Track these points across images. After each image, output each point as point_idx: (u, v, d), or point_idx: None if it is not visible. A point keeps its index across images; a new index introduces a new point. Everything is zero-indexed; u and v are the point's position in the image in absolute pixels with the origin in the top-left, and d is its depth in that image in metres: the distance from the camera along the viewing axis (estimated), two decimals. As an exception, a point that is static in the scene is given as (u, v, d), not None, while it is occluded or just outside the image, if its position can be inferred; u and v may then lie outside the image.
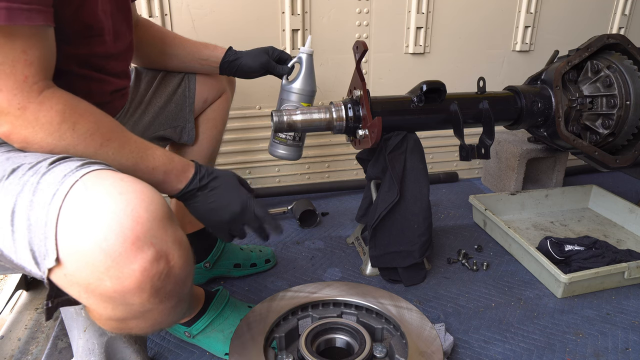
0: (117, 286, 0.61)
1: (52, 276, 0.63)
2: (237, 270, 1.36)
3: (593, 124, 1.52)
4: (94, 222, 0.60)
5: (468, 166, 2.14)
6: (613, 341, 1.16)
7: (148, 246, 0.61)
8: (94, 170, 0.65)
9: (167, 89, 1.19)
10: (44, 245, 0.61)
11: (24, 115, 0.66)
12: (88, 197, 0.61)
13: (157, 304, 0.66)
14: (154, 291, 0.63)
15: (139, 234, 0.61)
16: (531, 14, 1.94)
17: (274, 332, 1.06)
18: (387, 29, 1.82)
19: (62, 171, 0.64)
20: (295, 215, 1.68)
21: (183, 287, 0.70)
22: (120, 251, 0.59)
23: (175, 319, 0.76)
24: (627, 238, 1.64)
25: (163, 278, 0.64)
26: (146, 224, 0.61)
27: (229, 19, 1.64)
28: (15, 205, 0.63)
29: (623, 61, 1.48)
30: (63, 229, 0.60)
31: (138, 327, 0.71)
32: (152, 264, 0.62)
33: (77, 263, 0.61)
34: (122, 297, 0.62)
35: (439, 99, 1.34)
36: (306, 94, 1.26)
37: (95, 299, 0.63)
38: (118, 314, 0.66)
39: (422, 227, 1.32)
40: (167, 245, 0.64)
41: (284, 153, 1.31)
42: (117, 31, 0.90)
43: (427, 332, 1.06)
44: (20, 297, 1.31)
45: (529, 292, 1.34)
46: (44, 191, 0.62)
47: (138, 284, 0.61)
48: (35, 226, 0.62)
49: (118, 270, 0.60)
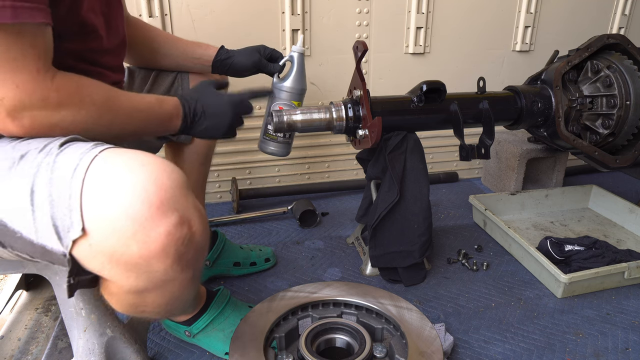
0: (143, 250, 0.63)
1: (75, 250, 0.65)
2: (236, 269, 1.36)
3: (593, 124, 1.52)
4: (119, 190, 0.62)
5: (468, 166, 2.14)
6: (613, 341, 1.16)
7: (172, 211, 0.64)
8: (110, 147, 0.68)
9: (160, 88, 1.21)
10: (68, 218, 0.63)
11: (48, 105, 0.69)
12: (110, 168, 0.64)
13: (179, 273, 0.68)
14: (178, 256, 0.66)
15: (163, 200, 0.63)
16: (531, 14, 1.94)
17: (274, 332, 1.06)
18: (387, 29, 1.82)
19: (77, 150, 0.67)
20: (295, 215, 1.68)
21: (201, 257, 0.73)
22: (146, 216, 0.62)
23: (189, 297, 0.81)
24: (627, 238, 1.64)
25: (186, 243, 0.66)
26: (169, 191, 0.64)
27: (229, 19, 1.64)
28: (33, 185, 0.65)
29: (623, 61, 1.48)
30: (88, 199, 0.62)
31: (155, 302, 0.74)
32: (176, 227, 0.64)
33: (104, 230, 0.62)
34: (147, 262, 0.64)
35: (439, 99, 1.34)
36: (297, 92, 1.27)
37: (119, 268, 0.65)
38: (140, 283, 0.67)
39: (422, 227, 1.32)
40: (189, 212, 0.66)
41: (274, 150, 1.32)
42: (110, 27, 0.92)
43: (427, 332, 1.06)
44: (20, 297, 1.31)
45: (529, 292, 1.34)
46: (62, 168, 0.65)
47: (163, 247, 0.63)
48: (58, 201, 0.63)
49: (144, 234, 0.62)
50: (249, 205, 1.83)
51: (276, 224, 1.71)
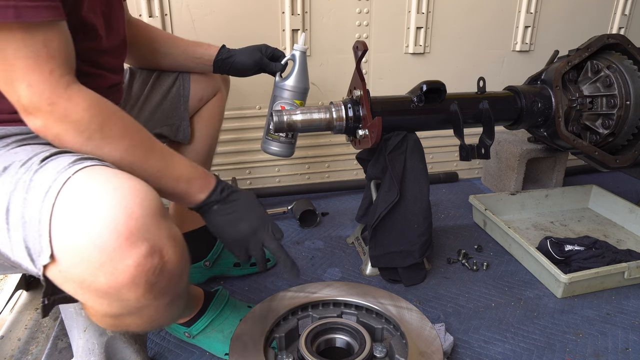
0: (111, 282, 0.61)
1: (47, 273, 0.63)
2: (236, 269, 1.36)
3: (593, 124, 1.52)
4: (87, 219, 0.60)
5: (468, 166, 2.14)
6: (613, 341, 1.16)
7: (142, 241, 0.62)
8: (87, 166, 0.65)
9: (161, 88, 1.20)
10: (38, 243, 0.62)
11: (55, 111, 0.67)
12: (81, 193, 0.62)
13: (152, 300, 0.66)
14: (149, 286, 0.64)
15: (133, 230, 0.61)
16: (531, 14, 1.94)
17: (274, 332, 1.06)
18: (387, 29, 1.82)
19: (54, 168, 0.65)
20: (295, 215, 1.68)
21: (178, 283, 0.70)
22: (114, 247, 0.60)
23: (171, 317, 0.77)
24: (627, 238, 1.64)
25: (157, 273, 0.64)
26: (140, 220, 0.62)
27: (229, 19, 1.64)
28: (9, 204, 0.64)
29: (623, 61, 1.48)
30: (57, 226, 0.61)
31: (134, 324, 0.71)
32: (146, 258, 0.62)
33: (72, 259, 0.61)
34: (117, 292, 0.62)
35: (439, 99, 1.34)
36: (299, 91, 1.27)
37: (91, 294, 0.64)
38: (114, 310, 0.66)
39: (422, 227, 1.32)
40: (161, 241, 0.64)
41: (277, 150, 1.32)
42: (111, 27, 0.92)
43: (427, 332, 1.06)
44: (20, 297, 1.31)
45: (529, 292, 1.34)
46: (36, 189, 0.63)
47: (132, 279, 0.61)
48: (30, 224, 0.62)
49: (112, 266, 0.60)
50: (249, 205, 1.82)
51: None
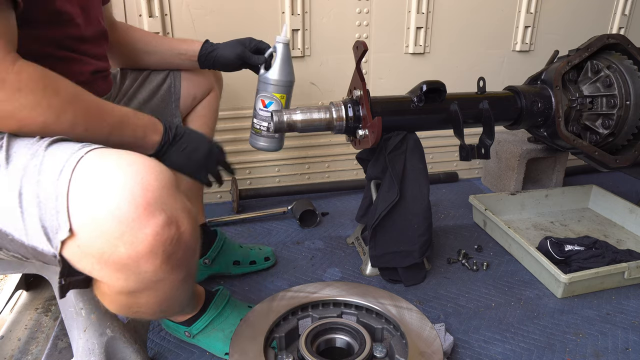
0: (130, 252, 0.62)
1: (64, 251, 0.64)
2: (236, 267, 1.36)
3: (593, 124, 1.52)
4: (105, 191, 0.62)
5: (468, 166, 2.14)
6: (613, 341, 1.16)
7: (159, 212, 0.63)
8: (97, 148, 0.67)
9: (151, 85, 1.22)
10: (56, 219, 0.63)
11: (5, 88, 0.66)
12: (96, 169, 0.64)
13: (169, 273, 0.68)
14: (166, 257, 0.65)
15: (150, 200, 0.63)
16: (531, 14, 1.94)
17: (274, 332, 1.06)
18: (387, 29, 1.82)
19: (63, 151, 0.66)
20: (295, 215, 1.68)
21: (192, 257, 0.72)
22: (133, 217, 0.61)
23: (183, 298, 0.80)
24: (627, 238, 1.64)
25: (174, 243, 0.65)
26: (156, 191, 0.64)
27: (229, 19, 1.64)
28: (21, 188, 0.65)
29: (623, 61, 1.48)
30: (75, 200, 0.62)
31: (148, 303, 0.73)
32: (163, 228, 0.63)
33: (91, 232, 0.62)
34: (136, 263, 0.63)
35: (439, 99, 1.34)
36: (281, 85, 1.23)
37: (108, 269, 0.64)
38: (130, 284, 0.67)
39: (422, 227, 1.32)
40: (177, 212, 0.66)
41: (264, 145, 1.31)
42: (88, 16, 0.93)
43: (427, 332, 1.06)
44: (20, 297, 1.31)
45: (529, 292, 1.34)
46: (49, 170, 0.64)
47: (151, 248, 0.63)
48: (45, 202, 0.63)
49: (132, 236, 0.62)
50: (249, 205, 1.83)
51: (276, 224, 1.71)
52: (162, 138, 0.89)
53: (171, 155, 0.92)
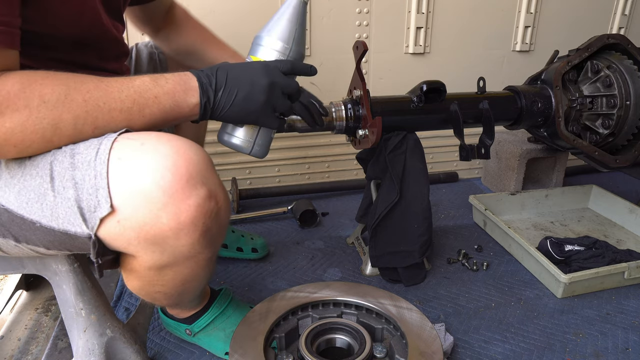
0: (173, 222, 0.64)
1: (101, 230, 0.65)
2: (223, 250, 1.39)
3: (593, 124, 1.52)
4: (148, 164, 0.63)
5: (468, 166, 2.14)
6: (613, 341, 1.16)
7: (201, 185, 0.65)
8: (129, 131, 0.68)
9: None
10: (95, 197, 0.63)
11: None
12: (135, 146, 0.65)
13: (203, 248, 0.70)
14: (205, 230, 0.67)
15: (193, 173, 0.64)
16: (531, 14, 1.94)
17: (274, 332, 1.06)
18: (387, 29, 1.82)
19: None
20: (295, 215, 1.68)
21: (222, 236, 0.75)
22: (176, 187, 0.63)
23: (203, 282, 0.85)
24: (627, 238, 1.64)
25: (213, 217, 0.68)
26: (197, 165, 0.65)
27: (229, 19, 1.64)
28: (52, 172, 0.65)
29: (623, 61, 1.48)
30: (116, 176, 0.63)
31: (174, 279, 0.75)
32: (205, 201, 0.66)
33: (134, 203, 0.63)
34: (176, 235, 0.65)
35: (439, 99, 1.34)
36: (279, 50, 0.87)
37: (146, 243, 0.66)
38: (164, 258, 0.69)
39: (422, 227, 1.32)
40: (216, 187, 0.68)
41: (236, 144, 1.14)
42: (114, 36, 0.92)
43: (427, 332, 1.06)
44: (20, 297, 1.31)
45: (529, 292, 1.34)
46: (83, 152, 0.65)
47: (192, 219, 0.65)
48: (82, 183, 0.64)
49: (175, 206, 0.63)
50: (249, 205, 1.83)
51: (276, 224, 1.71)
52: (199, 98, 0.73)
53: (222, 111, 0.76)
